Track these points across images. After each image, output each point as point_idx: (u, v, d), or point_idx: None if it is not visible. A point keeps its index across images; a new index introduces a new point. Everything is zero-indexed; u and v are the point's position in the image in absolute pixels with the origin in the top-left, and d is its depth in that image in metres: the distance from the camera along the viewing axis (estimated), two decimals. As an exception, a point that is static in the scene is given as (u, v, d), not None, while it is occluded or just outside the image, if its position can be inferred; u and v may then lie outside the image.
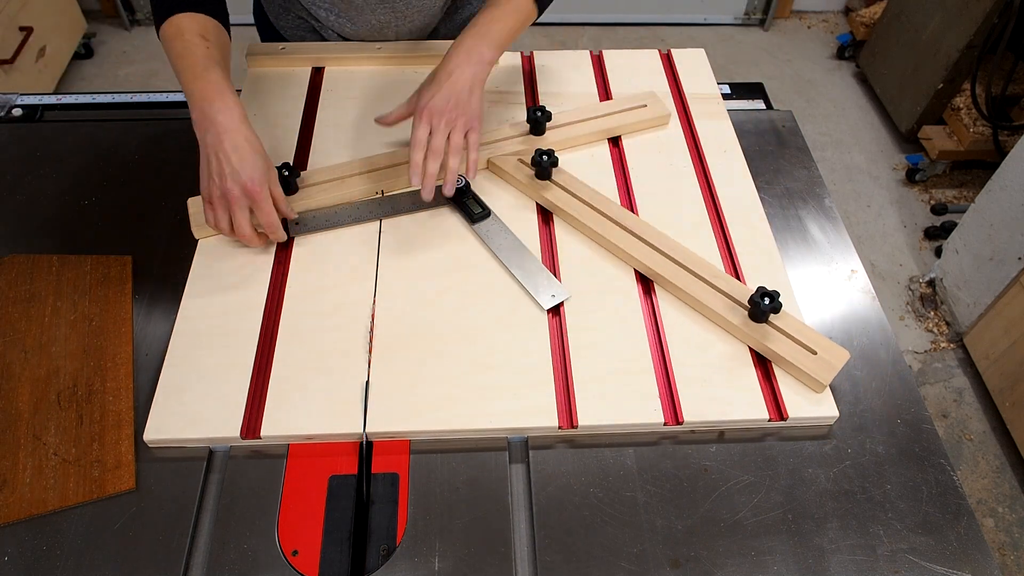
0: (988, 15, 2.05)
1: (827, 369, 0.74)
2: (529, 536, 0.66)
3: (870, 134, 2.53)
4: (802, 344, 0.76)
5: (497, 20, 0.88)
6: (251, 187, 0.77)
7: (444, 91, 0.82)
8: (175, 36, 0.83)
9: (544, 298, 0.81)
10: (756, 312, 0.76)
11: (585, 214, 0.88)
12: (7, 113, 1.07)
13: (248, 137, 0.78)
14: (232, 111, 0.78)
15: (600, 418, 0.72)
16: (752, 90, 1.16)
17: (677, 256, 0.84)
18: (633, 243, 0.85)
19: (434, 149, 0.82)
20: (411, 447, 0.71)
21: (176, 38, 0.83)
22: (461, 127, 0.83)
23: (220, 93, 0.78)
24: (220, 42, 0.86)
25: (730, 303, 0.79)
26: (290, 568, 0.63)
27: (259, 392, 0.73)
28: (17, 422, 0.71)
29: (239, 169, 0.77)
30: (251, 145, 0.78)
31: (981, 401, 1.83)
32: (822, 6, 3.03)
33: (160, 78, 2.62)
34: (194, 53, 0.81)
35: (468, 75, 0.84)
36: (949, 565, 0.66)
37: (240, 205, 0.78)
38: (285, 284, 0.82)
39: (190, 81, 0.80)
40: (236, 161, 0.77)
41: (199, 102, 0.78)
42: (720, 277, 0.82)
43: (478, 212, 0.89)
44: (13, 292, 0.82)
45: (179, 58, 0.82)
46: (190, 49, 0.82)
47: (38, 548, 0.64)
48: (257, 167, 0.78)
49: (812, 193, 0.99)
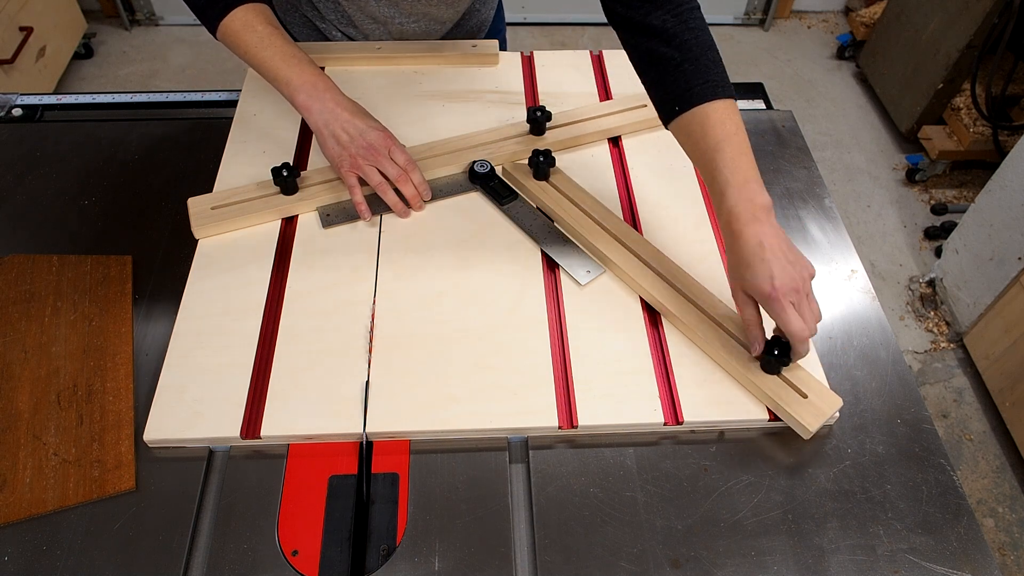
0: (988, 15, 2.05)
1: (815, 415, 0.72)
2: (529, 536, 0.66)
3: (870, 134, 2.53)
4: (792, 385, 0.73)
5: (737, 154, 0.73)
6: (384, 137, 0.86)
7: (773, 266, 0.69)
8: (244, 29, 0.85)
9: (580, 273, 0.83)
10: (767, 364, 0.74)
11: (587, 227, 0.87)
12: (7, 113, 1.07)
13: (355, 104, 0.87)
14: (333, 88, 0.86)
15: (600, 418, 0.72)
16: (752, 90, 1.16)
17: (681, 286, 0.81)
18: (637, 268, 0.82)
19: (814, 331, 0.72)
20: (411, 447, 0.71)
21: (247, 30, 0.85)
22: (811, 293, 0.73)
23: (317, 75, 0.86)
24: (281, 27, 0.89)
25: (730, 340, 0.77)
26: (290, 568, 0.63)
27: (259, 392, 0.73)
28: (17, 422, 0.71)
29: (366, 127, 0.85)
30: (361, 109, 0.87)
31: (981, 401, 1.83)
32: (822, 6, 3.03)
33: (160, 78, 2.62)
34: (274, 42, 0.85)
35: (771, 233, 0.71)
36: (949, 565, 0.66)
37: (383, 154, 0.85)
38: (285, 284, 0.82)
39: (281, 68, 0.84)
40: (360, 123, 0.85)
41: (301, 86, 0.84)
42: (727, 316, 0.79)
43: (507, 195, 0.90)
44: (13, 292, 0.82)
45: (258, 48, 0.85)
46: (268, 39, 0.85)
47: (38, 548, 0.64)
48: (377, 121, 0.87)
49: (812, 193, 0.99)
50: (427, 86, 1.08)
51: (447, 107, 1.04)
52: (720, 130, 0.74)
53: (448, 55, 1.11)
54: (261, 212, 0.88)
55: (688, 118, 0.76)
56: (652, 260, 0.84)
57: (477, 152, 0.96)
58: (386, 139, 0.86)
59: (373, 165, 0.85)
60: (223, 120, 1.03)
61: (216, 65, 2.68)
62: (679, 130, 0.78)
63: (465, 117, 1.03)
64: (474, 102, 1.05)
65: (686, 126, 0.76)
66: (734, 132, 0.74)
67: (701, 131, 0.75)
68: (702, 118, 0.75)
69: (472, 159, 0.94)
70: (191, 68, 2.67)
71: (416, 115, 1.03)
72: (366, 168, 0.85)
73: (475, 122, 1.02)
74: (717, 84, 0.75)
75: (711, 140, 0.74)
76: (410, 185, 0.87)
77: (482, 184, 0.92)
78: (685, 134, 0.77)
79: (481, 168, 0.92)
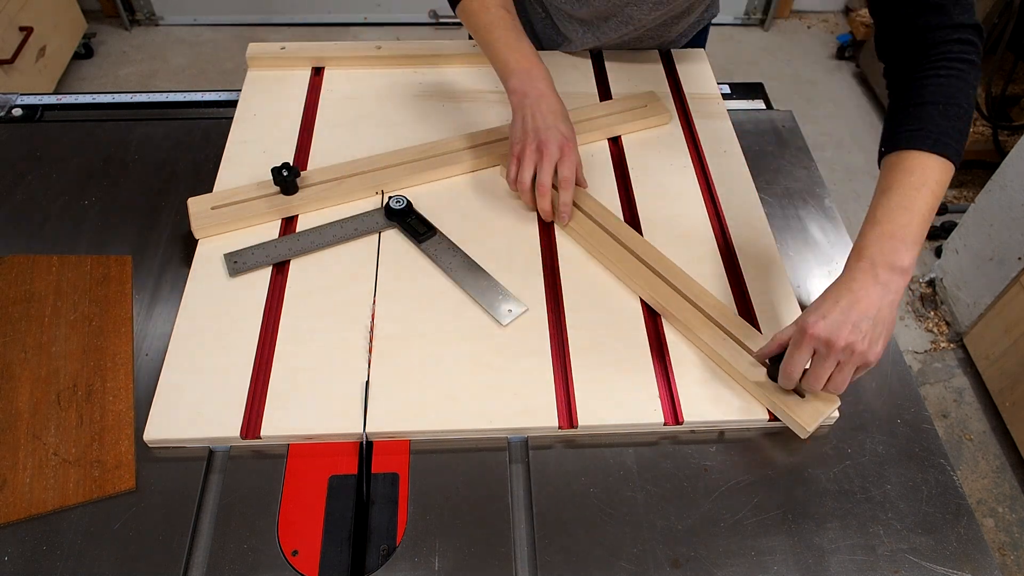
0: (988, 15, 2.05)
1: (813, 415, 0.71)
2: (529, 536, 0.66)
3: (870, 134, 2.53)
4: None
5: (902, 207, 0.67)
6: (564, 141, 0.84)
7: (837, 314, 0.65)
8: (480, 9, 0.90)
9: (501, 312, 0.80)
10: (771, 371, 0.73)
11: (588, 229, 0.86)
12: (7, 113, 1.07)
13: (561, 104, 0.87)
14: (547, 79, 0.87)
15: (600, 418, 0.72)
16: (752, 90, 1.16)
17: (681, 287, 0.81)
18: (639, 271, 0.82)
19: (813, 388, 0.69)
20: (411, 447, 0.71)
21: (482, 11, 0.90)
22: (852, 364, 0.66)
23: (535, 63, 0.87)
24: (515, 12, 0.92)
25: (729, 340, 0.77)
26: (290, 568, 0.63)
27: (259, 392, 0.73)
28: (17, 422, 0.71)
29: (555, 125, 0.84)
30: (563, 111, 0.87)
31: (981, 401, 1.83)
32: (822, 6, 3.03)
33: (160, 78, 2.62)
34: (503, 25, 0.89)
35: (874, 293, 0.65)
36: (949, 565, 0.66)
37: (550, 158, 0.84)
38: (285, 284, 0.82)
39: (504, 51, 0.87)
40: (552, 120, 0.85)
41: (517, 71, 0.86)
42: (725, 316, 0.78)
43: (423, 232, 0.87)
44: (13, 292, 0.82)
45: (487, 30, 0.89)
46: (498, 22, 0.89)
47: (38, 548, 0.64)
48: (571, 128, 0.86)
49: (812, 193, 0.99)
50: (427, 86, 1.08)
51: (447, 107, 1.05)
52: (901, 177, 0.68)
53: (448, 55, 1.11)
54: (261, 212, 0.88)
55: (886, 160, 0.71)
56: (651, 260, 0.83)
57: (477, 152, 0.96)
58: (564, 147, 0.84)
59: (533, 162, 0.85)
60: (223, 120, 1.03)
61: (216, 65, 2.68)
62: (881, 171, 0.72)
63: (465, 117, 1.03)
64: (474, 102, 1.05)
65: (883, 168, 0.71)
66: (914, 186, 0.67)
67: (885, 173, 0.70)
68: (895, 161, 0.69)
69: (472, 161, 0.95)
70: (191, 68, 2.67)
71: (416, 115, 1.03)
72: (526, 162, 0.85)
73: (475, 122, 1.02)
74: (927, 135, 0.68)
75: (887, 182, 0.69)
76: (547, 201, 0.85)
77: (399, 221, 0.88)
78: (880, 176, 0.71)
79: (397, 204, 0.88)
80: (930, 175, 0.67)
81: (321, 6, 2.80)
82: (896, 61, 0.76)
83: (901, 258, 0.65)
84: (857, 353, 0.65)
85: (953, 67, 0.70)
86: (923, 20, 0.72)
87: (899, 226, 0.66)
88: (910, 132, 0.69)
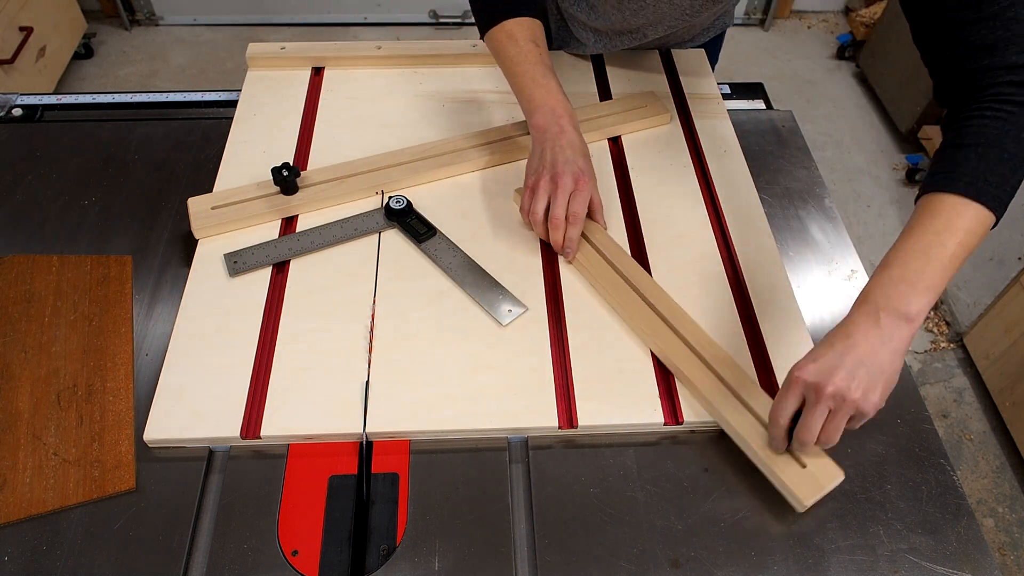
0: None
1: (812, 488, 0.66)
2: (529, 536, 0.66)
3: (870, 134, 2.53)
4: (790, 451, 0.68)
5: (918, 251, 0.63)
6: (580, 175, 0.83)
7: (830, 357, 0.62)
8: (508, 40, 0.89)
9: (501, 313, 0.80)
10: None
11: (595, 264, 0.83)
12: (7, 113, 1.07)
13: (582, 141, 0.86)
14: (571, 117, 0.86)
15: (600, 418, 0.72)
16: (752, 90, 1.16)
17: (689, 338, 0.76)
18: (644, 313, 0.79)
19: (802, 438, 0.65)
20: (411, 447, 0.71)
21: (509, 42, 0.89)
22: (844, 413, 0.62)
23: (560, 100, 0.86)
24: (545, 44, 0.91)
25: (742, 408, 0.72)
26: (290, 568, 0.63)
27: (259, 392, 0.73)
28: (17, 422, 0.71)
29: (573, 160, 0.83)
30: (584, 147, 0.86)
31: (981, 401, 1.83)
32: (822, 6, 3.03)
33: (160, 78, 2.62)
34: (530, 59, 0.88)
35: (874, 343, 0.61)
36: (949, 565, 0.66)
37: (564, 191, 0.82)
38: (285, 284, 0.82)
39: (530, 86, 0.87)
40: (571, 155, 0.83)
41: (542, 107, 0.86)
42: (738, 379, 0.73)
43: (424, 232, 0.87)
44: (13, 292, 0.82)
45: (514, 62, 0.88)
46: (525, 55, 0.88)
47: (38, 548, 0.64)
48: (589, 165, 0.85)
49: (812, 193, 0.99)
50: (427, 86, 1.08)
51: (447, 107, 1.05)
52: (925, 221, 0.64)
53: (448, 55, 1.11)
54: (261, 212, 0.88)
55: (917, 204, 0.67)
56: (659, 305, 0.79)
57: (477, 152, 0.96)
58: (579, 180, 0.82)
59: (547, 193, 0.83)
60: (223, 120, 1.03)
61: (216, 65, 2.68)
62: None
63: (465, 117, 1.03)
64: (474, 102, 1.06)
65: (913, 213, 0.67)
66: (935, 231, 0.63)
67: (912, 217, 0.66)
68: (922, 205, 0.66)
69: (472, 161, 0.95)
70: (191, 68, 2.67)
71: (416, 115, 1.03)
72: (539, 193, 0.83)
73: (475, 122, 1.02)
74: (959, 178, 0.64)
75: (909, 226, 0.65)
76: (560, 234, 0.84)
77: (399, 221, 0.88)
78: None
79: (397, 204, 0.88)
80: (958, 221, 0.63)
81: (321, 6, 2.80)
82: (951, 107, 0.71)
83: (908, 305, 0.61)
84: (849, 401, 0.61)
85: (1002, 109, 0.66)
86: (972, 63, 0.67)
87: (912, 271, 0.62)
88: (942, 175, 0.66)
